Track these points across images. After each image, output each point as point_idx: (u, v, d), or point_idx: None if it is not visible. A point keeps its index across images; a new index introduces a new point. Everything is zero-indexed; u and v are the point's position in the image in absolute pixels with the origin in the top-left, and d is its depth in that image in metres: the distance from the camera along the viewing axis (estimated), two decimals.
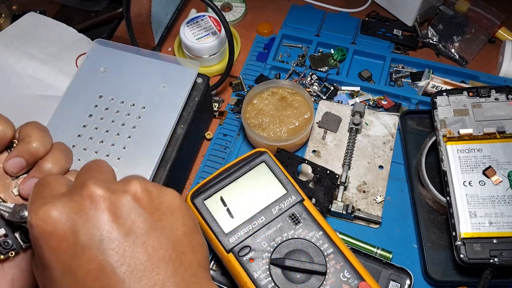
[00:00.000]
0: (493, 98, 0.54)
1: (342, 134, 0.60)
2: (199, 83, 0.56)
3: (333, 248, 0.45)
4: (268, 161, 0.50)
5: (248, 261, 0.45)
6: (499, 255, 0.46)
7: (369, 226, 0.55)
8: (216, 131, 0.62)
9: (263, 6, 0.76)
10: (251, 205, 0.48)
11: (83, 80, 0.54)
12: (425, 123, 0.60)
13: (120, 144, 0.50)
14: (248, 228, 0.46)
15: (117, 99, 0.53)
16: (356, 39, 0.70)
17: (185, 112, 0.54)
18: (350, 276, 0.44)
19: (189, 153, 0.58)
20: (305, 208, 0.47)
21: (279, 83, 0.60)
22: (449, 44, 0.68)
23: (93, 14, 0.71)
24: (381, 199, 0.56)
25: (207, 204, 0.48)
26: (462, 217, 0.48)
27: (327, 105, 0.63)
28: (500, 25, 0.69)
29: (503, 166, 0.50)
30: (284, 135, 0.58)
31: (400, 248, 0.53)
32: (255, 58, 0.69)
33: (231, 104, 0.65)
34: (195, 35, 0.65)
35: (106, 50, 0.56)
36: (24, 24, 0.65)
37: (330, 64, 0.67)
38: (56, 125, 0.51)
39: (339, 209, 0.54)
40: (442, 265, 0.51)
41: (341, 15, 0.73)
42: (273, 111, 0.59)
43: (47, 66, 0.61)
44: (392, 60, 0.67)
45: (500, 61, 0.66)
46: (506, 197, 0.49)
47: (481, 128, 0.53)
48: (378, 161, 0.58)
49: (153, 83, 0.54)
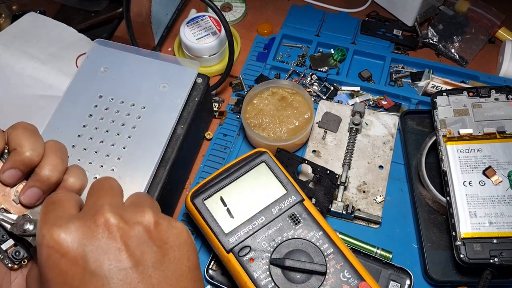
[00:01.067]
0: (493, 98, 0.54)
1: (342, 134, 0.60)
2: (199, 83, 0.56)
3: (333, 248, 0.45)
4: (268, 161, 0.50)
5: (248, 261, 0.45)
6: (499, 255, 0.46)
7: (369, 226, 0.55)
8: (216, 131, 0.62)
9: (263, 6, 0.76)
10: (251, 205, 0.48)
11: (83, 80, 0.54)
12: (425, 123, 0.60)
13: (120, 144, 0.50)
14: (248, 228, 0.46)
15: (117, 99, 0.53)
16: (356, 39, 0.70)
17: (185, 112, 0.54)
18: (350, 276, 0.44)
19: (189, 153, 0.58)
20: (305, 208, 0.47)
21: (279, 83, 0.60)
22: (449, 44, 0.68)
23: (93, 14, 0.71)
24: (381, 199, 0.56)
25: (207, 204, 0.48)
26: (462, 217, 0.48)
27: (327, 105, 0.63)
28: (500, 25, 0.69)
29: (503, 166, 0.50)
30: (284, 135, 0.58)
31: (400, 248, 0.53)
32: (255, 58, 0.69)
33: (231, 104, 0.65)
34: (195, 35, 0.65)
35: (106, 50, 0.56)
36: (24, 24, 0.65)
37: (330, 64, 0.67)
38: (56, 125, 0.51)
39: (339, 209, 0.54)
40: (442, 265, 0.51)
41: (341, 15, 0.73)
42: (273, 111, 0.59)
43: (47, 66, 0.61)
44: (392, 60, 0.67)
45: (500, 61, 0.66)
46: (506, 197, 0.49)
47: (481, 128, 0.53)
48: (378, 161, 0.58)
49: (153, 83, 0.54)
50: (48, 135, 0.50)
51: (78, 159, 0.49)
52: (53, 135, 0.50)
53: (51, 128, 0.51)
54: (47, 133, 0.51)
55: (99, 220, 0.30)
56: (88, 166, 0.48)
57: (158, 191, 0.49)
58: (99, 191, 0.34)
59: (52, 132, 0.51)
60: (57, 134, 0.50)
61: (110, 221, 0.30)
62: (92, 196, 0.34)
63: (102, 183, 0.35)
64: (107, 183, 0.35)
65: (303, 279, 0.44)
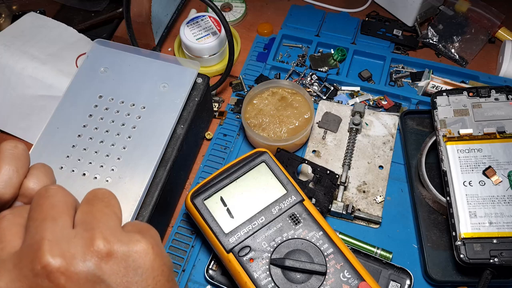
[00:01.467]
0: (493, 98, 0.54)
1: (342, 134, 0.60)
2: (199, 83, 0.56)
3: (333, 248, 0.45)
4: (268, 161, 0.50)
5: (248, 261, 0.45)
6: (499, 255, 0.46)
7: (369, 226, 0.55)
8: (216, 131, 0.62)
9: (263, 6, 0.76)
10: (251, 205, 0.48)
11: (83, 80, 0.54)
12: (425, 123, 0.60)
13: (120, 144, 0.50)
14: (248, 228, 0.46)
15: (117, 99, 0.53)
16: (356, 39, 0.70)
17: (185, 112, 0.54)
18: (350, 276, 0.44)
19: (189, 153, 0.58)
20: (305, 208, 0.47)
21: (279, 83, 0.60)
22: (449, 44, 0.68)
23: (93, 14, 0.71)
24: (381, 199, 0.56)
25: (207, 204, 0.48)
26: (462, 217, 0.48)
27: (327, 105, 0.63)
28: (500, 25, 0.69)
29: (503, 166, 0.50)
30: (284, 135, 0.58)
31: (400, 248, 0.53)
32: (255, 58, 0.69)
33: (231, 104, 0.65)
34: (195, 35, 0.65)
35: (106, 50, 0.56)
36: (24, 24, 0.65)
37: (330, 64, 0.67)
38: (56, 125, 0.51)
39: (339, 209, 0.54)
40: (442, 265, 0.50)
41: (341, 15, 0.73)
42: (273, 111, 0.59)
43: (47, 66, 0.61)
44: (392, 60, 0.67)
45: (500, 61, 0.66)
46: (506, 197, 0.49)
47: (481, 128, 0.53)
48: (378, 161, 0.58)
49: (153, 83, 0.54)
50: (48, 135, 0.50)
51: (78, 159, 0.49)
52: (53, 135, 0.51)
53: (51, 128, 0.51)
54: (47, 133, 0.51)
55: (36, 266, 0.24)
56: (88, 166, 0.48)
57: (158, 191, 0.49)
58: (43, 211, 0.27)
59: (52, 132, 0.51)
60: (57, 134, 0.50)
61: (50, 265, 0.24)
62: (34, 220, 0.27)
63: (51, 198, 0.28)
64: (57, 196, 0.28)
65: (303, 279, 0.44)
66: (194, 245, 0.54)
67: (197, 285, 0.51)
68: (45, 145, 0.50)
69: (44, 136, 0.50)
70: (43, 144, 0.50)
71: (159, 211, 0.51)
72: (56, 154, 0.49)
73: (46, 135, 0.50)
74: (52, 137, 0.50)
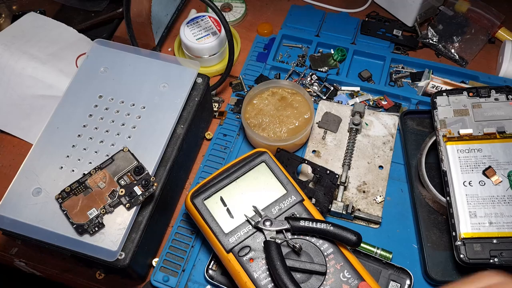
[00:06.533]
0: (493, 98, 0.55)
1: (342, 134, 0.60)
2: (199, 83, 0.56)
3: (333, 248, 0.45)
4: (268, 161, 0.50)
5: (248, 261, 0.45)
6: (499, 255, 0.46)
7: (369, 226, 0.55)
8: (216, 131, 0.62)
9: (263, 6, 0.76)
10: (251, 205, 0.48)
11: (83, 80, 0.54)
12: (425, 123, 0.60)
13: (120, 144, 0.50)
14: (248, 228, 0.46)
15: (117, 99, 0.53)
16: (356, 39, 0.70)
17: (185, 112, 0.54)
18: (350, 276, 0.44)
19: (189, 153, 0.58)
20: (305, 208, 0.47)
21: (279, 83, 0.60)
22: (449, 44, 0.68)
23: (93, 14, 0.71)
24: (381, 199, 0.56)
25: (207, 204, 0.48)
26: (462, 217, 0.48)
27: (327, 105, 0.63)
28: (500, 26, 0.69)
29: (503, 166, 0.50)
30: (284, 135, 0.58)
31: (400, 248, 0.53)
32: (255, 58, 0.69)
33: (231, 104, 0.65)
34: (195, 35, 0.65)
35: (106, 50, 0.56)
36: (24, 24, 0.65)
37: (330, 64, 0.67)
38: (56, 125, 0.51)
39: (339, 209, 0.54)
40: (442, 265, 0.50)
41: (341, 16, 0.73)
42: (273, 111, 0.59)
43: (47, 66, 0.61)
44: (392, 60, 0.67)
45: (500, 61, 0.67)
46: (506, 197, 0.49)
47: (481, 128, 0.53)
48: (378, 161, 0.58)
49: (153, 83, 0.54)
50: (48, 135, 0.50)
51: (78, 159, 0.49)
52: (53, 135, 0.51)
53: (51, 128, 0.51)
54: (47, 133, 0.51)
55: None
56: (88, 166, 0.48)
57: (158, 191, 0.49)
58: None
59: (52, 132, 0.51)
60: (57, 134, 0.50)
61: None
62: None
63: None
64: None
65: (303, 279, 0.44)
66: (194, 245, 0.54)
67: (197, 285, 0.51)
68: (45, 145, 0.50)
69: (44, 136, 0.50)
70: (43, 144, 0.50)
71: (159, 211, 0.51)
72: (56, 154, 0.49)
73: (46, 135, 0.50)
74: (52, 137, 0.50)
